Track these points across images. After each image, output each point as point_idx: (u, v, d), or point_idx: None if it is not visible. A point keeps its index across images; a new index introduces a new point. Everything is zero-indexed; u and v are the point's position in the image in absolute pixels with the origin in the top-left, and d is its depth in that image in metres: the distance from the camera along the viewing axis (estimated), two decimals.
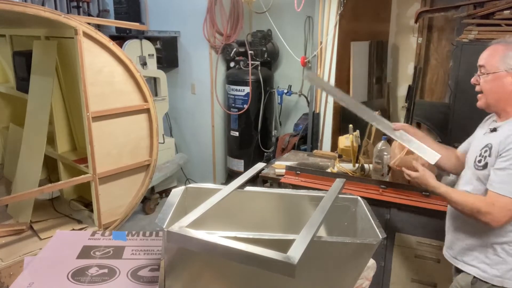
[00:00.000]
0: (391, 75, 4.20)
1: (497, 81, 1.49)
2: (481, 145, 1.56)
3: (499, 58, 1.49)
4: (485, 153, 1.52)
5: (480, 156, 1.54)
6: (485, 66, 1.52)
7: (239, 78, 4.02)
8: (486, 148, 1.52)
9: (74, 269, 1.30)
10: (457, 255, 1.62)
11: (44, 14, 2.27)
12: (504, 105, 1.52)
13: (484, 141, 1.56)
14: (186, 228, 1.05)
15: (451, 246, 1.68)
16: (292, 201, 1.47)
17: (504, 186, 1.40)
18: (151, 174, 3.06)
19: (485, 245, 1.52)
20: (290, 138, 3.88)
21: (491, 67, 1.50)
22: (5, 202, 2.51)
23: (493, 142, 1.49)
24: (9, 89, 3.40)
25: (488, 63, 1.51)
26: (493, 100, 1.53)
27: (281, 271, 0.93)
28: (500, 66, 1.48)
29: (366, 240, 1.11)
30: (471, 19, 2.72)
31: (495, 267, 1.50)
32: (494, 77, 1.50)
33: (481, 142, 1.58)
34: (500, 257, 1.49)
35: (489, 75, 1.51)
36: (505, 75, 1.48)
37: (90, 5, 4.71)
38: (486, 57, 1.53)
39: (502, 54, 1.49)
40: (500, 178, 1.41)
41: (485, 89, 1.53)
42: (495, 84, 1.50)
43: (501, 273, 1.48)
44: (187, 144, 4.68)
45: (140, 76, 2.81)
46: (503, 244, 1.48)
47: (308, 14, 3.78)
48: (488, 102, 1.55)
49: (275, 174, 2.68)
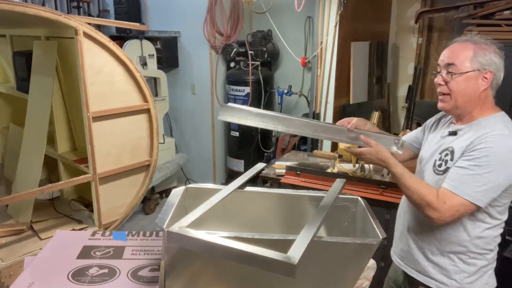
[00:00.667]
0: (391, 75, 4.20)
1: (470, 81, 1.39)
2: (440, 148, 1.49)
3: (472, 57, 1.38)
4: (445, 157, 1.44)
5: (441, 160, 1.46)
6: (457, 65, 1.39)
7: (239, 78, 4.02)
8: (446, 151, 1.45)
9: (74, 269, 1.30)
10: (410, 263, 1.58)
11: (44, 14, 2.27)
12: (471, 107, 1.43)
13: (444, 145, 1.49)
14: (186, 228, 1.05)
15: (402, 253, 1.63)
16: (292, 201, 1.47)
17: (459, 186, 1.33)
18: (151, 174, 3.06)
19: (441, 255, 1.48)
20: (290, 138, 3.88)
21: (463, 67, 1.38)
22: (5, 202, 2.51)
23: (456, 146, 1.42)
24: (9, 89, 3.40)
25: (461, 62, 1.39)
26: (462, 102, 1.42)
27: (281, 271, 0.93)
28: (473, 65, 1.37)
29: (366, 240, 1.11)
30: (471, 19, 2.72)
31: (453, 277, 1.47)
32: (467, 77, 1.38)
33: (439, 145, 1.52)
34: (457, 267, 1.46)
35: (462, 75, 1.38)
36: (477, 75, 1.38)
37: (90, 5, 4.72)
38: (456, 55, 1.40)
39: (474, 52, 1.38)
40: (457, 177, 1.35)
41: (455, 90, 1.41)
42: (468, 85, 1.39)
43: (459, 282, 1.46)
44: (187, 144, 4.68)
45: (140, 76, 2.81)
46: (459, 254, 1.45)
47: (308, 14, 3.78)
48: (457, 104, 1.43)
49: (275, 174, 2.68)
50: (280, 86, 4.20)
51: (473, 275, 1.46)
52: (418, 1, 3.78)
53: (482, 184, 1.31)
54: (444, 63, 1.43)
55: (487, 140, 1.33)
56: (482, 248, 1.45)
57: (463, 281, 1.46)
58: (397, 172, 1.44)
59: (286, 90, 3.98)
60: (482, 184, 1.31)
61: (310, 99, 3.70)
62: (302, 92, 4.05)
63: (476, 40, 1.41)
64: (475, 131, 1.40)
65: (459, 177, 1.35)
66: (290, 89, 3.97)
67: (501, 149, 1.31)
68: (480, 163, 1.32)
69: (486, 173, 1.31)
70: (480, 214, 1.40)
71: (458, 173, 1.36)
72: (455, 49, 1.42)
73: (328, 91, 3.50)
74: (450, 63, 1.41)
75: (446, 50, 1.45)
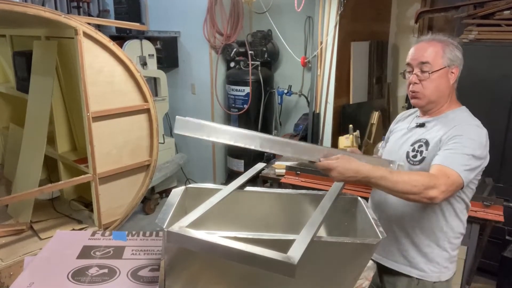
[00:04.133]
0: (391, 75, 4.21)
1: (443, 78, 1.47)
2: (409, 140, 1.55)
3: (442, 54, 1.46)
4: (419, 148, 1.50)
5: (415, 151, 1.51)
6: (431, 63, 1.46)
7: (239, 78, 4.02)
8: (420, 143, 1.51)
9: (74, 269, 1.30)
10: (389, 255, 1.61)
11: (44, 14, 2.27)
12: (443, 101, 1.51)
13: (413, 136, 1.55)
14: (186, 228, 1.05)
15: (380, 246, 1.61)
16: (292, 201, 1.47)
17: (450, 160, 1.36)
18: (151, 174, 3.06)
19: (421, 243, 1.53)
20: (290, 138, 3.88)
21: (437, 64, 1.46)
22: (5, 202, 2.51)
23: (429, 137, 1.49)
24: (9, 89, 3.39)
25: (434, 60, 1.46)
26: (436, 97, 1.50)
27: (281, 271, 0.93)
28: (444, 62, 1.46)
29: (366, 240, 1.11)
30: (471, 19, 2.73)
31: (432, 263, 1.52)
32: (440, 74, 1.46)
33: (407, 137, 1.57)
34: (436, 253, 1.51)
35: (436, 72, 1.46)
36: (447, 71, 1.47)
37: (90, 5, 4.72)
38: (428, 54, 1.47)
39: (442, 50, 1.46)
40: (446, 154, 1.39)
41: (429, 87, 1.48)
42: (441, 81, 1.47)
43: (437, 268, 1.52)
44: (187, 144, 4.68)
45: (140, 76, 2.81)
46: (438, 240, 1.51)
47: (308, 14, 3.78)
48: (431, 100, 1.51)
49: (275, 174, 2.68)
50: (280, 86, 4.20)
51: (449, 259, 1.54)
52: (418, 1, 3.79)
53: (466, 163, 1.36)
54: (417, 61, 1.48)
55: (464, 128, 1.42)
56: (457, 232, 1.52)
57: (441, 266, 1.53)
58: (378, 176, 1.28)
59: (286, 90, 3.98)
60: (466, 164, 1.36)
61: (310, 99, 3.70)
62: (302, 92, 4.05)
63: (441, 38, 1.49)
64: (444, 124, 1.48)
65: (447, 155, 1.38)
66: (290, 89, 3.97)
67: (479, 136, 1.41)
68: (464, 145, 1.37)
69: (469, 154, 1.37)
70: (457, 197, 1.47)
71: (446, 152, 1.39)
72: (425, 48, 1.48)
73: (328, 91, 3.50)
74: (424, 62, 1.46)
75: (415, 49, 1.51)
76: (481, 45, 2.74)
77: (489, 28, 2.64)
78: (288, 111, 4.34)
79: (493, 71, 2.72)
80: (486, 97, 2.73)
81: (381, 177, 1.28)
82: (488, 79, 2.74)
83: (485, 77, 2.71)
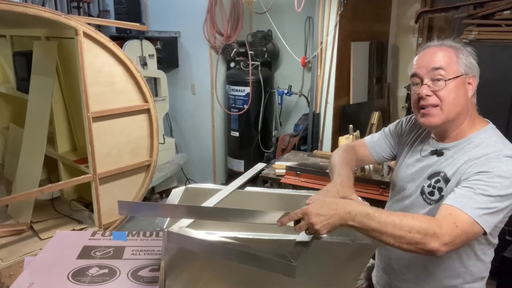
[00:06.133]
0: (391, 75, 4.20)
1: (460, 88, 1.18)
2: (425, 172, 1.28)
3: (456, 59, 1.19)
4: (437, 184, 1.23)
5: (431, 188, 1.24)
6: (446, 69, 1.17)
7: (239, 78, 4.02)
8: (437, 177, 1.23)
9: (74, 269, 1.30)
10: None
11: (44, 14, 2.27)
12: (462, 119, 1.22)
13: (429, 167, 1.27)
14: (186, 228, 1.06)
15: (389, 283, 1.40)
16: (292, 201, 1.47)
17: (464, 202, 1.07)
18: (151, 175, 3.06)
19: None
20: (290, 138, 3.88)
21: (452, 71, 1.17)
22: (5, 202, 2.51)
23: (448, 171, 1.21)
24: (10, 89, 3.40)
25: (448, 66, 1.17)
26: (454, 114, 1.19)
27: (281, 271, 0.94)
28: (460, 68, 1.18)
29: (366, 240, 1.11)
30: (471, 20, 2.72)
31: None
32: (457, 83, 1.17)
33: (420, 167, 1.30)
34: None
35: (452, 80, 1.17)
36: (465, 80, 1.19)
37: (91, 5, 4.72)
38: (440, 59, 1.18)
39: (456, 55, 1.20)
40: (461, 193, 1.10)
41: (447, 100, 1.17)
42: (459, 92, 1.18)
43: None
44: (187, 144, 4.68)
45: (141, 76, 2.81)
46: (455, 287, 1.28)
47: (308, 14, 3.78)
48: (448, 117, 1.19)
49: (275, 175, 2.68)
50: (280, 86, 4.20)
51: None
52: (418, 1, 3.78)
53: (487, 206, 1.08)
54: (427, 69, 1.19)
55: (493, 162, 1.12)
56: (477, 276, 1.28)
57: None
58: (365, 211, 1.04)
59: (286, 90, 3.98)
60: (487, 207, 1.08)
61: (310, 99, 3.70)
62: (302, 92, 4.05)
63: (451, 43, 1.23)
64: (467, 152, 1.20)
65: (468, 194, 1.09)
66: (290, 89, 3.97)
67: (509, 173, 1.10)
68: (489, 185, 1.09)
69: (494, 196, 1.08)
70: (478, 240, 1.20)
71: (464, 192, 1.11)
72: (435, 52, 1.21)
73: (328, 91, 3.50)
74: (437, 67, 1.18)
75: (422, 55, 1.23)
76: (481, 45, 2.73)
77: (489, 28, 2.64)
78: (288, 111, 4.34)
79: (493, 71, 2.72)
80: (486, 98, 2.72)
81: (367, 215, 1.02)
82: (488, 79, 2.71)
83: (485, 77, 2.69)
